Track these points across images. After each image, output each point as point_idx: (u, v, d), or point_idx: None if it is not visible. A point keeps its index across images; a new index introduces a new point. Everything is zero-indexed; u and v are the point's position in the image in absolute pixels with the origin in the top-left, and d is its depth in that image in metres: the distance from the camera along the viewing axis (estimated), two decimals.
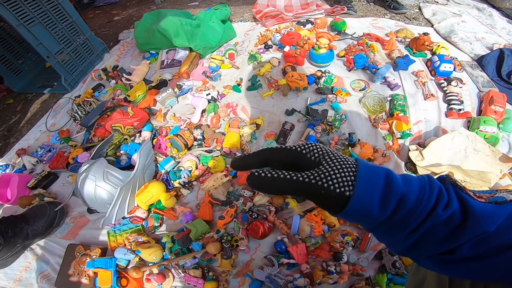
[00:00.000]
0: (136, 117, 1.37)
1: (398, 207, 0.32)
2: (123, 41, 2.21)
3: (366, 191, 0.32)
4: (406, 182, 0.33)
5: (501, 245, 0.30)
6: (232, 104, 1.50)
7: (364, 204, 0.32)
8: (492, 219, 0.30)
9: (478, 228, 0.30)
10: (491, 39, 1.79)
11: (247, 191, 1.16)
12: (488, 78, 1.51)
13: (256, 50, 1.74)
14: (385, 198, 0.32)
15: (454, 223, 0.31)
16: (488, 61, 1.55)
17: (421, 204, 0.31)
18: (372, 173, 0.33)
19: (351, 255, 1.00)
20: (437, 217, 0.31)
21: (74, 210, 1.30)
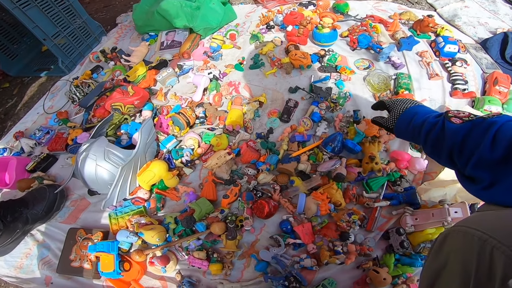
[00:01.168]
0: (136, 96, 1.32)
1: (414, 121, 0.72)
2: (121, 24, 2.13)
3: (409, 113, 0.75)
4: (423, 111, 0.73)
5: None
6: (234, 83, 1.45)
7: (406, 119, 0.74)
8: (453, 135, 0.59)
9: (444, 138, 0.61)
10: (494, 24, 1.74)
11: (251, 169, 1.12)
12: (492, 60, 1.47)
13: (258, 30, 1.69)
14: (412, 118, 0.73)
15: (437, 129, 0.63)
16: (492, 44, 1.52)
17: (426, 121, 0.68)
18: (414, 107, 0.76)
19: (358, 234, 0.97)
20: (429, 122, 0.67)
21: (74, 192, 1.26)
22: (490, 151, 0.50)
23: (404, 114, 0.75)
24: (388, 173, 1.06)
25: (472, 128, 0.55)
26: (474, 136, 0.54)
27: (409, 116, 0.73)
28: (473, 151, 0.54)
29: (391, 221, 0.99)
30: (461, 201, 0.94)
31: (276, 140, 1.22)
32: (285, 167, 1.06)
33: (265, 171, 1.09)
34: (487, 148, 0.51)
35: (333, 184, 1.01)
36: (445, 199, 0.95)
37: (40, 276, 1.10)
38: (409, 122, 0.72)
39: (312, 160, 1.11)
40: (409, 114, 0.73)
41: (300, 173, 1.09)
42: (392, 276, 0.87)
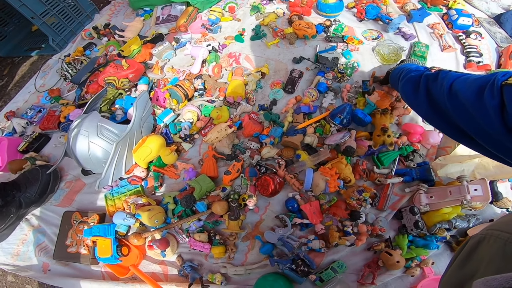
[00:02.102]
0: (131, 69, 1.24)
1: (403, 73, 0.87)
2: (114, 1, 2.02)
3: (405, 66, 0.94)
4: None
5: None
6: (235, 54, 1.37)
7: (398, 70, 0.94)
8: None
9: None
10: (507, 1, 1.66)
11: (253, 143, 1.05)
12: (507, 34, 1.40)
13: (259, 1, 1.59)
14: (401, 70, 0.91)
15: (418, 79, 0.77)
16: (506, 19, 1.44)
17: (413, 68, 0.89)
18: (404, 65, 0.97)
19: (369, 214, 0.91)
20: (413, 74, 0.82)
21: (68, 173, 1.20)
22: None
23: (402, 65, 0.97)
24: (400, 147, 0.99)
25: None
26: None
27: (404, 66, 0.94)
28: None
29: (404, 199, 0.93)
30: (480, 177, 0.88)
31: (280, 112, 1.14)
32: (291, 140, 0.98)
33: (269, 145, 1.02)
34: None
35: (342, 159, 0.94)
36: (463, 175, 0.89)
37: (38, 263, 1.06)
38: (403, 67, 0.92)
39: (318, 132, 1.03)
40: (405, 65, 0.94)
41: (307, 146, 1.02)
42: (405, 258, 0.82)
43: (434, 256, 0.86)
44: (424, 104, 0.71)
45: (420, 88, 0.73)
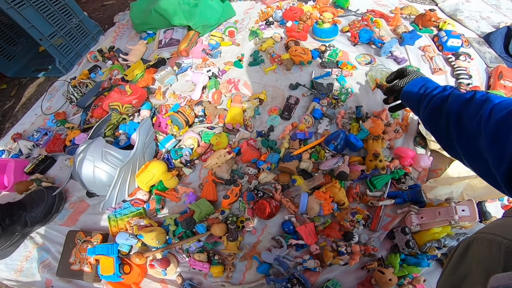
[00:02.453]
0: (134, 95, 1.30)
1: (426, 90, 0.76)
2: (118, 23, 2.10)
3: (420, 80, 0.81)
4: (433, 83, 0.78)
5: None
6: (234, 80, 1.43)
7: (417, 85, 0.80)
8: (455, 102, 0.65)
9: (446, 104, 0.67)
10: (497, 18, 1.71)
11: (251, 168, 1.10)
12: (496, 54, 1.45)
13: (257, 26, 1.66)
14: (423, 85, 0.78)
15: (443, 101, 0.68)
16: (495, 38, 1.49)
17: (436, 88, 0.75)
18: (425, 78, 0.83)
19: (362, 234, 0.95)
20: (437, 95, 0.72)
21: (73, 194, 1.25)
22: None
23: (419, 78, 0.83)
24: (392, 170, 1.04)
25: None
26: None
27: (423, 80, 0.80)
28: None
29: (396, 220, 0.97)
30: (468, 198, 0.92)
31: (277, 138, 1.20)
32: (287, 166, 1.03)
33: (266, 170, 1.07)
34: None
35: (336, 183, 0.98)
36: (452, 197, 0.94)
37: (41, 280, 1.09)
38: (422, 85, 0.79)
39: (314, 158, 1.08)
40: (424, 79, 0.81)
41: (302, 171, 1.06)
42: (397, 276, 0.85)
43: (425, 274, 0.90)
44: (453, 132, 0.63)
45: (448, 111, 0.64)
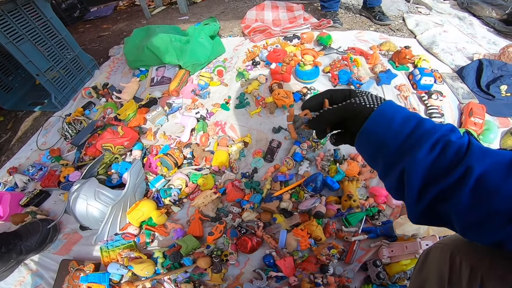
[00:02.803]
0: (126, 137, 1.42)
1: (418, 126, 0.39)
2: (113, 57, 2.25)
3: (391, 107, 0.42)
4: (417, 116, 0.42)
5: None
6: (221, 123, 1.55)
7: (388, 112, 0.41)
8: (485, 158, 0.35)
9: (472, 160, 0.35)
10: (472, 49, 1.86)
11: (235, 207, 1.21)
12: (468, 89, 1.56)
13: (244, 67, 1.80)
14: (407, 117, 0.40)
15: (461, 154, 0.36)
16: (467, 72, 1.61)
17: (437, 129, 0.38)
18: (399, 106, 0.43)
19: (337, 267, 1.04)
20: (450, 142, 0.37)
21: (66, 226, 1.33)
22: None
23: (386, 104, 0.43)
24: (366, 208, 1.15)
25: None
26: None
27: (394, 109, 0.42)
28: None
29: (369, 253, 1.07)
30: (432, 234, 1.03)
31: (260, 179, 1.31)
32: (268, 206, 1.15)
33: (249, 209, 1.18)
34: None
35: (313, 221, 1.10)
36: (417, 233, 1.04)
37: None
38: (404, 117, 0.41)
39: (294, 198, 1.20)
40: (393, 106, 0.43)
41: (283, 210, 1.17)
42: None
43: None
44: (464, 202, 0.36)
45: (471, 174, 0.36)
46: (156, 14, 3.10)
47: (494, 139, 1.34)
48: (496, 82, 1.51)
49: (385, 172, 0.44)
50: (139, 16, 3.16)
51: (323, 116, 0.48)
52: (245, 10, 2.32)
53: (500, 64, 1.57)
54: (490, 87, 1.52)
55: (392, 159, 0.41)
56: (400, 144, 0.39)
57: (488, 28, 2.16)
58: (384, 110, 0.42)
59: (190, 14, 2.89)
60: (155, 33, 1.91)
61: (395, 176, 0.41)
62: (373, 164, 0.47)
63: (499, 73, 1.55)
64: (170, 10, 3.14)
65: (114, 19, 3.29)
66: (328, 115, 0.48)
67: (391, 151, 0.40)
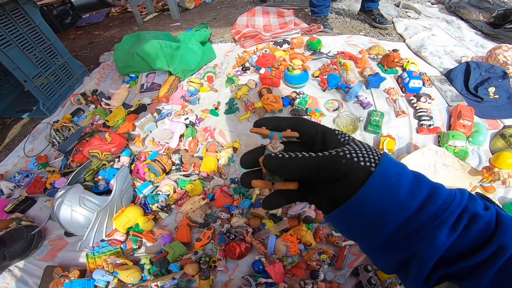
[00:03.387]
0: (113, 143, 1.40)
1: (430, 198, 0.28)
2: (103, 63, 2.24)
3: (393, 168, 0.28)
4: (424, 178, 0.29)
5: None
6: (210, 128, 1.55)
7: (392, 176, 0.28)
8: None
9: (506, 237, 0.27)
10: (460, 52, 1.89)
11: (224, 213, 1.19)
12: (457, 92, 1.57)
13: (233, 72, 1.80)
14: (416, 180, 0.28)
15: (490, 229, 0.27)
16: (456, 75, 1.63)
17: (455, 198, 0.28)
18: (399, 162, 0.30)
19: (327, 272, 1.03)
20: (476, 218, 0.28)
21: (52, 233, 1.32)
22: None
23: (387, 167, 0.29)
24: None
25: None
26: None
27: (401, 177, 0.29)
28: None
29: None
30: None
31: None
32: (257, 211, 1.14)
33: (238, 215, 1.17)
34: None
35: (302, 226, 1.09)
36: None
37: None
38: (410, 182, 0.29)
39: None
40: (400, 173, 0.29)
41: (272, 216, 1.16)
42: None
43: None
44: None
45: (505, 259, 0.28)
46: (148, 21, 3.12)
47: (484, 141, 1.35)
48: (484, 84, 1.53)
49: (379, 252, 0.31)
50: (131, 22, 3.18)
51: (287, 166, 0.31)
52: (237, 16, 2.34)
53: (488, 66, 1.60)
54: (478, 89, 1.53)
55: (395, 240, 0.29)
56: (409, 220, 0.28)
57: (476, 31, 2.21)
58: (386, 172, 0.28)
59: (182, 21, 2.91)
60: (146, 39, 1.92)
61: (398, 259, 0.30)
62: (360, 240, 0.33)
63: (486, 75, 1.56)
64: (162, 17, 3.16)
65: (106, 26, 3.30)
66: (295, 166, 0.31)
67: (394, 229, 0.28)
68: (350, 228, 0.32)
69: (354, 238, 0.32)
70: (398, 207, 0.28)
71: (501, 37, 2.03)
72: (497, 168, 1.13)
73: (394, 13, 2.56)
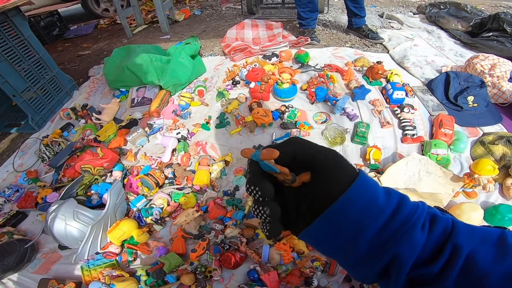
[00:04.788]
0: (105, 158, 1.43)
1: (402, 202, 0.32)
2: (93, 77, 2.26)
3: (369, 179, 0.33)
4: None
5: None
6: (202, 142, 1.59)
7: (371, 181, 0.33)
8: (472, 236, 0.31)
9: (459, 238, 0.31)
10: (440, 62, 2.00)
11: (218, 224, 1.23)
12: (438, 101, 1.66)
13: (224, 86, 1.86)
14: (387, 190, 0.33)
15: (447, 232, 0.32)
16: (436, 85, 1.72)
17: (419, 206, 0.33)
18: (371, 179, 0.34)
19: (321, 279, 1.08)
20: (437, 218, 0.32)
21: (45, 246, 1.32)
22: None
23: (365, 174, 0.34)
24: None
25: None
26: None
27: (377, 184, 0.34)
28: None
29: None
30: None
31: (242, 196, 1.35)
32: (250, 222, 1.19)
33: (232, 226, 1.21)
34: None
35: None
36: None
37: None
38: (385, 198, 0.33)
39: None
40: (374, 182, 0.34)
41: None
42: None
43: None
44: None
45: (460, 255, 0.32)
46: (137, 33, 3.15)
47: (465, 149, 1.42)
48: (463, 94, 1.61)
49: (361, 264, 0.33)
50: (120, 35, 3.20)
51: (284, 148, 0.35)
52: (226, 29, 2.41)
53: (466, 75, 1.68)
54: (458, 98, 1.62)
55: (375, 246, 0.31)
56: (386, 224, 0.31)
57: (455, 40, 2.33)
58: (365, 180, 0.32)
59: (172, 33, 2.96)
60: (136, 52, 1.96)
61: (379, 267, 0.32)
62: (340, 254, 0.34)
63: (465, 84, 1.65)
64: (152, 29, 3.21)
65: (95, 38, 3.32)
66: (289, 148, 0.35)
67: (373, 234, 0.31)
68: (330, 241, 0.33)
69: (334, 252, 0.34)
70: (376, 212, 0.31)
71: (479, 46, 2.15)
72: (477, 174, 1.19)
73: (378, 24, 2.68)
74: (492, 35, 2.16)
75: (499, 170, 1.24)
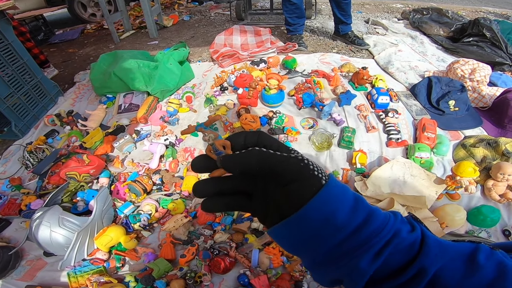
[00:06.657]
0: (92, 165, 1.43)
1: (367, 221, 0.30)
2: (78, 83, 2.24)
3: (337, 191, 0.30)
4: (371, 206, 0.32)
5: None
6: (190, 149, 1.60)
7: (339, 192, 0.30)
8: (441, 254, 0.30)
9: (425, 260, 0.29)
10: (423, 67, 2.07)
11: (207, 230, 1.24)
12: (421, 106, 1.71)
13: (212, 92, 1.87)
14: (355, 206, 0.30)
15: (413, 252, 0.30)
16: (419, 90, 1.78)
17: (388, 224, 0.30)
18: (343, 185, 0.32)
19: (311, 282, 1.10)
20: (402, 240, 0.30)
21: (29, 253, 1.31)
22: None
23: (335, 182, 0.31)
24: None
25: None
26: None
27: (346, 195, 0.31)
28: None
29: None
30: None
31: None
32: (239, 227, 1.21)
33: (221, 231, 1.22)
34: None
35: None
36: None
37: None
38: (351, 209, 0.31)
39: None
40: (345, 191, 0.32)
41: (254, 230, 1.23)
42: None
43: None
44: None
45: (425, 271, 0.31)
46: (125, 38, 3.14)
47: (447, 152, 1.48)
48: (445, 98, 1.68)
49: (317, 268, 0.33)
50: (108, 40, 3.18)
51: (244, 158, 0.31)
52: (214, 35, 2.43)
53: (447, 80, 1.75)
54: (440, 103, 1.68)
55: (330, 258, 0.31)
56: (342, 243, 0.30)
57: (437, 46, 2.43)
58: (331, 191, 0.30)
59: (160, 39, 2.96)
60: (123, 58, 1.95)
61: (332, 276, 0.32)
62: (300, 255, 0.34)
63: (447, 89, 1.72)
64: (140, 34, 3.20)
65: (81, 43, 3.29)
66: (250, 159, 0.31)
67: (329, 248, 0.30)
68: (290, 244, 0.33)
69: (295, 253, 0.34)
70: (333, 231, 0.29)
71: (460, 51, 2.24)
72: (459, 176, 1.24)
73: (364, 30, 2.76)
74: (472, 40, 2.26)
75: (480, 172, 1.29)
